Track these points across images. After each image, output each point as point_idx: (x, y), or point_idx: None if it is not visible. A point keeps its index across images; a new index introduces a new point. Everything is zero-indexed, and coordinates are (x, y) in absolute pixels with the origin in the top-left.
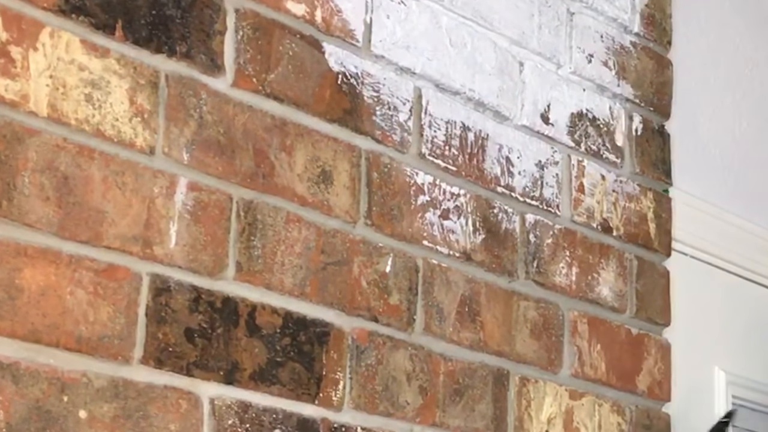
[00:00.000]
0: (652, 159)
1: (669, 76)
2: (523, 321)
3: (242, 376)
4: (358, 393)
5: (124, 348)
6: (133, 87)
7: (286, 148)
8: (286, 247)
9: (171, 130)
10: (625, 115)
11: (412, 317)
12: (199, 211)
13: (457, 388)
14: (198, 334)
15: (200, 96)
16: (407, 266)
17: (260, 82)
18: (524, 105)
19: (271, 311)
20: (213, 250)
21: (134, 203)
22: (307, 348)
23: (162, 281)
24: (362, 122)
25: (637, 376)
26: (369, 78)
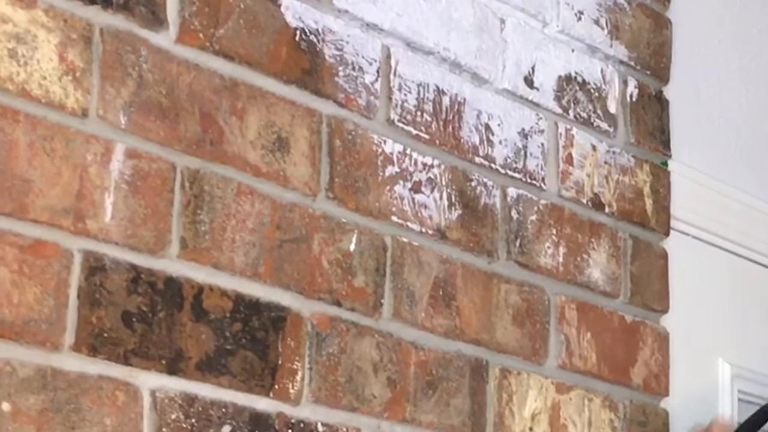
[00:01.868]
0: (649, 128)
1: (668, 36)
2: (504, 306)
3: (187, 365)
4: (318, 385)
5: (53, 333)
6: (64, 42)
7: (237, 111)
8: (237, 222)
9: (106, 91)
10: (619, 79)
11: (380, 301)
12: (138, 181)
13: (429, 380)
14: (137, 318)
15: (139, 53)
16: (374, 244)
17: (208, 37)
18: (506, 67)
19: (219, 293)
20: (154, 225)
21: (64, 172)
22: (260, 335)
23: (96, 259)
24: (323, 84)
25: (632, 368)
26: (331, 35)
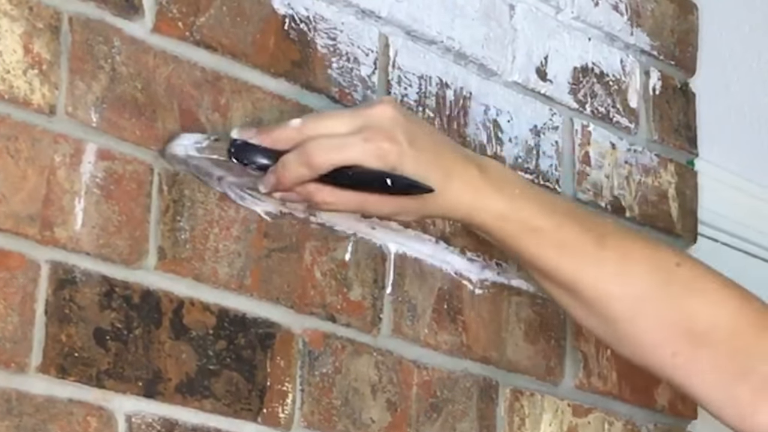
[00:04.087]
0: (674, 124)
1: (694, 23)
2: (515, 321)
3: (166, 387)
4: (311, 408)
5: (18, 353)
6: (29, 32)
7: (220, 107)
8: (221, 229)
9: (76, 86)
10: (641, 70)
11: (378, 316)
12: (112, 185)
13: (433, 402)
14: (111, 336)
15: (112, 43)
16: (372, 254)
17: (187, 26)
18: (516, 57)
19: (202, 308)
20: (129, 233)
21: (30, 175)
22: (247, 353)
23: (65, 271)
24: (315, 77)
25: (656, 389)
26: (323, 23)
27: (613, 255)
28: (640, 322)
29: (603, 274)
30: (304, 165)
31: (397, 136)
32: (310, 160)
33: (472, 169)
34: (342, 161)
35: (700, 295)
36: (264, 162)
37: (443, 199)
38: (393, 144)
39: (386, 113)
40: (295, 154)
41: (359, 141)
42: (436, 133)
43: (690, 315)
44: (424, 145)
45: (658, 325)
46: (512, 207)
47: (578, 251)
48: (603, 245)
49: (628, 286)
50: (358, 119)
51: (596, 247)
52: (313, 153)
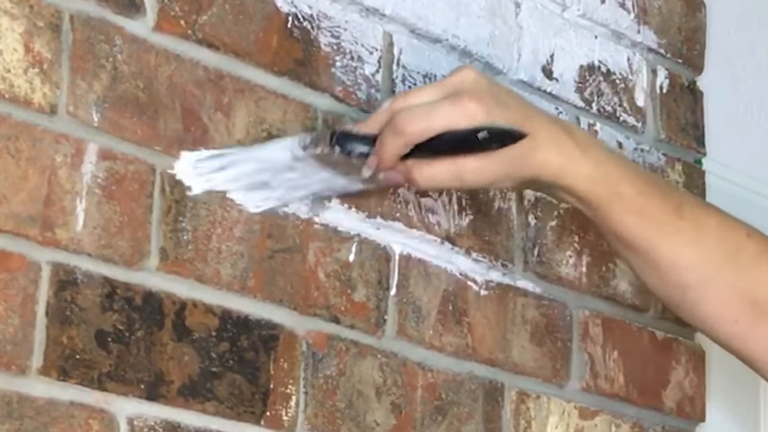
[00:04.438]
0: (681, 122)
1: (701, 21)
2: (521, 322)
3: (169, 390)
4: (314, 411)
5: (19, 355)
6: (29, 30)
7: (223, 107)
8: (224, 230)
9: (77, 85)
10: (648, 68)
11: (382, 317)
12: (113, 186)
13: (438, 405)
14: (112, 338)
15: (114, 42)
16: (376, 254)
17: (189, 25)
18: (521, 55)
19: (204, 310)
20: (131, 234)
21: (31, 175)
22: (250, 355)
23: (66, 272)
24: (318, 76)
25: (664, 391)
26: (327, 21)
27: (689, 224)
28: (710, 289)
29: (679, 242)
30: (397, 135)
31: (483, 96)
32: (402, 129)
33: (558, 131)
34: (432, 126)
35: (766, 265)
36: (364, 148)
37: (533, 158)
38: (479, 103)
39: (469, 76)
40: (388, 128)
41: (446, 105)
42: (520, 97)
43: (756, 284)
44: (510, 103)
45: (725, 293)
46: (599, 171)
47: (657, 219)
48: (680, 214)
49: (702, 255)
50: (442, 87)
51: (674, 216)
52: (404, 122)
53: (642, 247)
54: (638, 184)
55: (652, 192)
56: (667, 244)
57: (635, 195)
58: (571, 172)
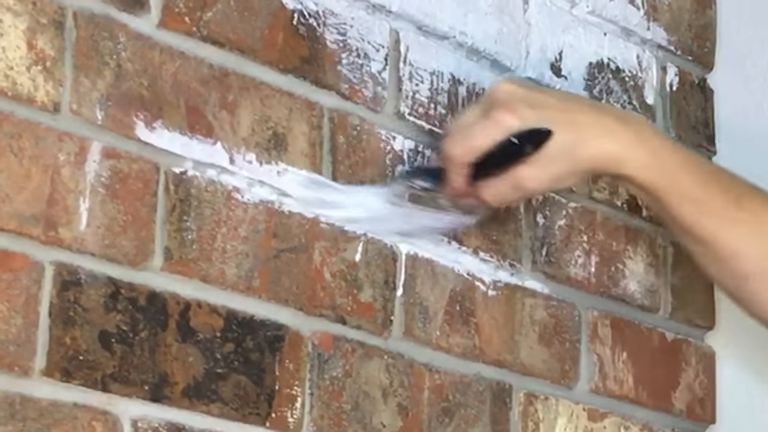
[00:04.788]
0: (691, 121)
1: (712, 17)
2: (529, 323)
3: (173, 391)
4: (320, 413)
5: (22, 356)
6: (32, 27)
7: (228, 104)
8: (229, 229)
9: (81, 82)
10: (657, 65)
11: (389, 318)
12: (117, 184)
13: (446, 406)
14: (116, 338)
15: (118, 39)
16: (382, 254)
17: (194, 21)
18: (530, 52)
19: (209, 310)
20: (135, 234)
21: (34, 174)
22: (255, 356)
23: (70, 272)
24: (324, 73)
25: (674, 392)
26: (333, 18)
27: (749, 216)
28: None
29: (739, 233)
30: (448, 161)
31: (514, 104)
32: (449, 155)
33: (611, 120)
34: (473, 146)
35: None
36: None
37: (585, 151)
38: (510, 111)
39: (503, 88)
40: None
41: (481, 121)
42: (568, 95)
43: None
44: (547, 104)
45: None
46: (657, 160)
47: (717, 210)
48: (740, 206)
49: (762, 247)
50: (482, 105)
51: (734, 207)
52: (448, 148)
53: (702, 237)
54: (696, 174)
55: (711, 182)
56: (726, 234)
57: (693, 185)
58: (629, 161)
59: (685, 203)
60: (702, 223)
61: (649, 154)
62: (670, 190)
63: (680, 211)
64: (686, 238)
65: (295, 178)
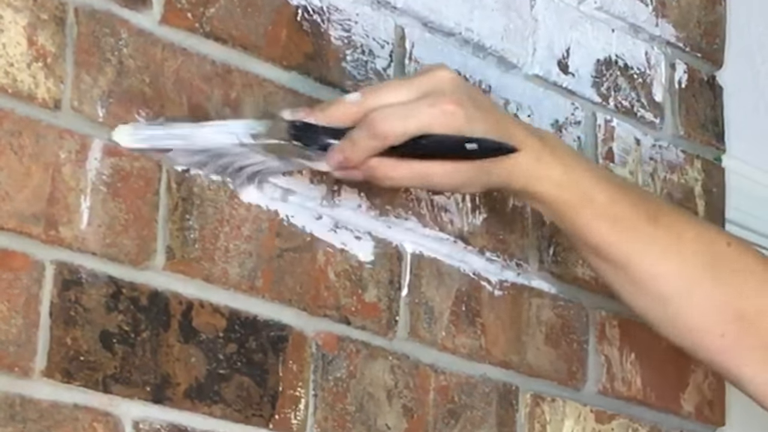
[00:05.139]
0: (700, 118)
1: (721, 13)
2: (535, 324)
3: (175, 392)
4: (324, 414)
5: (22, 357)
6: (33, 23)
7: (231, 102)
8: (231, 228)
9: (82, 79)
10: (666, 62)
11: (394, 318)
12: (119, 183)
13: (451, 408)
14: (117, 339)
15: (119, 35)
16: (387, 253)
17: (197, 18)
18: (537, 49)
19: (211, 310)
20: (137, 232)
21: (34, 172)
22: (258, 357)
23: (71, 271)
24: (328, 70)
25: (683, 394)
26: (337, 13)
27: (666, 233)
28: (692, 299)
29: (655, 252)
30: (373, 138)
31: (462, 99)
32: (379, 132)
33: (533, 139)
34: (410, 129)
35: (750, 277)
36: (329, 141)
37: (505, 166)
38: (459, 106)
39: (446, 77)
40: (362, 128)
41: (425, 106)
42: (490, 99)
43: (740, 296)
44: (487, 108)
45: (708, 305)
46: (570, 177)
47: (631, 227)
48: (656, 223)
49: (680, 265)
50: (419, 86)
51: (649, 225)
52: (381, 124)
53: (616, 257)
54: (611, 190)
55: (626, 199)
56: (642, 254)
57: (608, 201)
58: (542, 179)
59: (599, 220)
60: (616, 243)
61: (562, 170)
62: (582, 206)
63: (594, 229)
64: (597, 259)
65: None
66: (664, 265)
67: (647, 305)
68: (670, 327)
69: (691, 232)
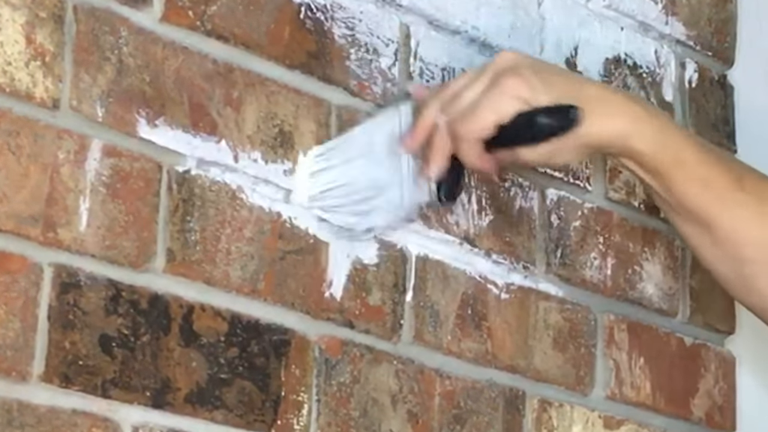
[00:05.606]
0: (711, 118)
1: (732, 12)
2: (543, 327)
3: (175, 397)
4: (327, 420)
5: (20, 361)
6: (31, 21)
7: (233, 101)
8: (233, 230)
9: (81, 78)
10: (676, 61)
11: (399, 322)
12: (118, 183)
13: (457, 413)
14: (117, 343)
15: (119, 34)
16: (392, 256)
17: (198, 15)
18: (544, 48)
19: (213, 313)
20: (136, 234)
21: (32, 173)
22: (260, 361)
23: (69, 274)
24: (332, 69)
25: (693, 399)
26: (341, 11)
27: (752, 198)
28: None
29: (741, 215)
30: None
31: (523, 71)
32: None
33: (619, 97)
34: (485, 125)
35: None
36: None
37: (594, 127)
38: (520, 79)
39: (505, 57)
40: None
41: (488, 96)
42: (568, 71)
43: None
44: (554, 75)
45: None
46: (664, 135)
47: (719, 190)
48: (742, 186)
49: (763, 232)
50: (485, 76)
51: (736, 188)
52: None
53: (702, 218)
54: (701, 152)
55: (714, 162)
56: (728, 216)
57: (697, 163)
58: (635, 137)
59: (689, 182)
60: (704, 204)
61: (657, 129)
62: (674, 168)
63: (684, 190)
64: (682, 220)
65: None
66: (747, 230)
67: (726, 266)
68: (744, 289)
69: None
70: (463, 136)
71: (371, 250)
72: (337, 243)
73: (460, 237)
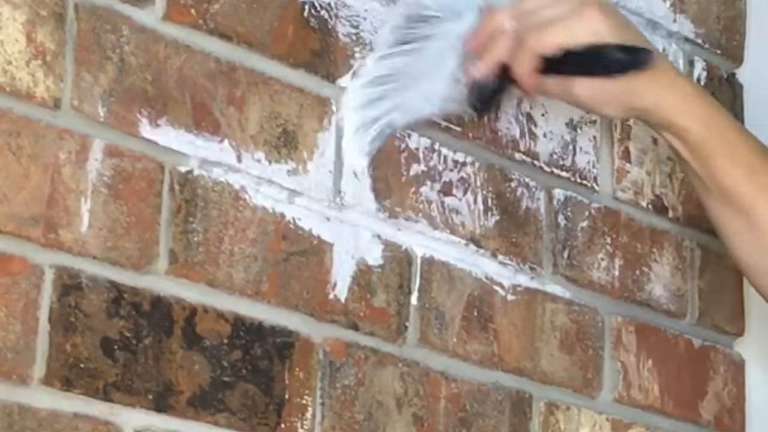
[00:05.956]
0: None
1: (741, 9)
2: (550, 329)
3: (178, 400)
4: (332, 423)
5: (20, 364)
6: (32, 20)
7: (236, 100)
8: (236, 231)
9: (82, 77)
10: (684, 59)
11: (404, 324)
12: (120, 184)
13: (463, 417)
14: (119, 345)
15: (121, 32)
16: (397, 257)
17: (201, 14)
18: None
19: (216, 316)
20: (138, 236)
21: (33, 173)
22: (263, 364)
23: (70, 276)
24: (336, 68)
25: (701, 402)
26: (345, 9)
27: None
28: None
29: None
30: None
31: (606, 8)
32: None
33: (676, 71)
34: (553, 42)
35: None
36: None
37: (650, 92)
38: (603, 15)
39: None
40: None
41: (572, 18)
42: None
43: None
44: (632, 26)
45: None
46: (716, 119)
47: (762, 177)
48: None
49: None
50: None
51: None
52: (528, 35)
53: (742, 203)
54: (746, 138)
55: (758, 148)
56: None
57: (744, 147)
58: (689, 115)
59: (735, 166)
60: (744, 188)
61: (708, 110)
62: (720, 149)
63: (728, 174)
64: (719, 203)
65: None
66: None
67: (758, 258)
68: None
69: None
70: (528, 47)
71: (376, 251)
72: (341, 244)
73: (466, 238)
